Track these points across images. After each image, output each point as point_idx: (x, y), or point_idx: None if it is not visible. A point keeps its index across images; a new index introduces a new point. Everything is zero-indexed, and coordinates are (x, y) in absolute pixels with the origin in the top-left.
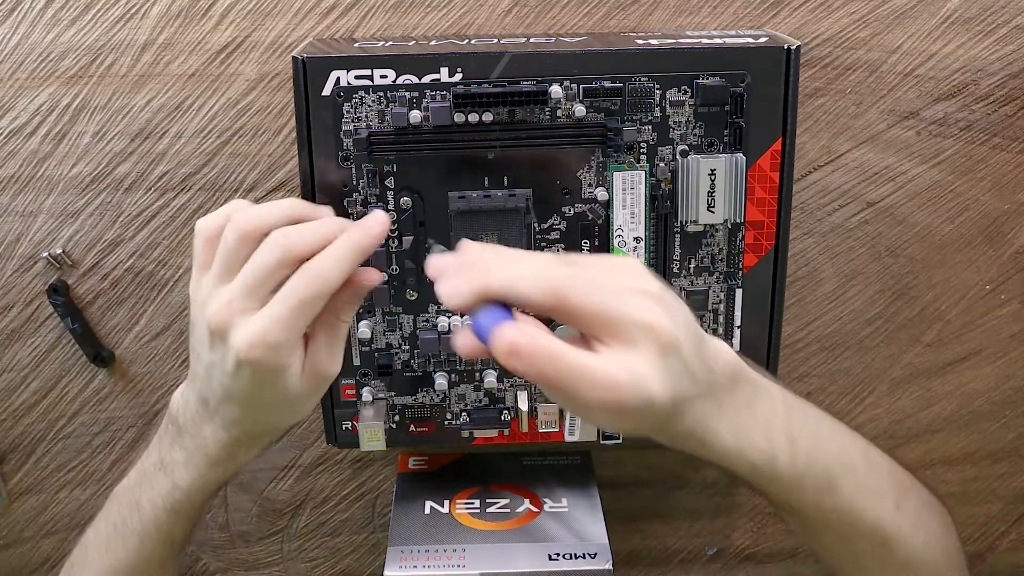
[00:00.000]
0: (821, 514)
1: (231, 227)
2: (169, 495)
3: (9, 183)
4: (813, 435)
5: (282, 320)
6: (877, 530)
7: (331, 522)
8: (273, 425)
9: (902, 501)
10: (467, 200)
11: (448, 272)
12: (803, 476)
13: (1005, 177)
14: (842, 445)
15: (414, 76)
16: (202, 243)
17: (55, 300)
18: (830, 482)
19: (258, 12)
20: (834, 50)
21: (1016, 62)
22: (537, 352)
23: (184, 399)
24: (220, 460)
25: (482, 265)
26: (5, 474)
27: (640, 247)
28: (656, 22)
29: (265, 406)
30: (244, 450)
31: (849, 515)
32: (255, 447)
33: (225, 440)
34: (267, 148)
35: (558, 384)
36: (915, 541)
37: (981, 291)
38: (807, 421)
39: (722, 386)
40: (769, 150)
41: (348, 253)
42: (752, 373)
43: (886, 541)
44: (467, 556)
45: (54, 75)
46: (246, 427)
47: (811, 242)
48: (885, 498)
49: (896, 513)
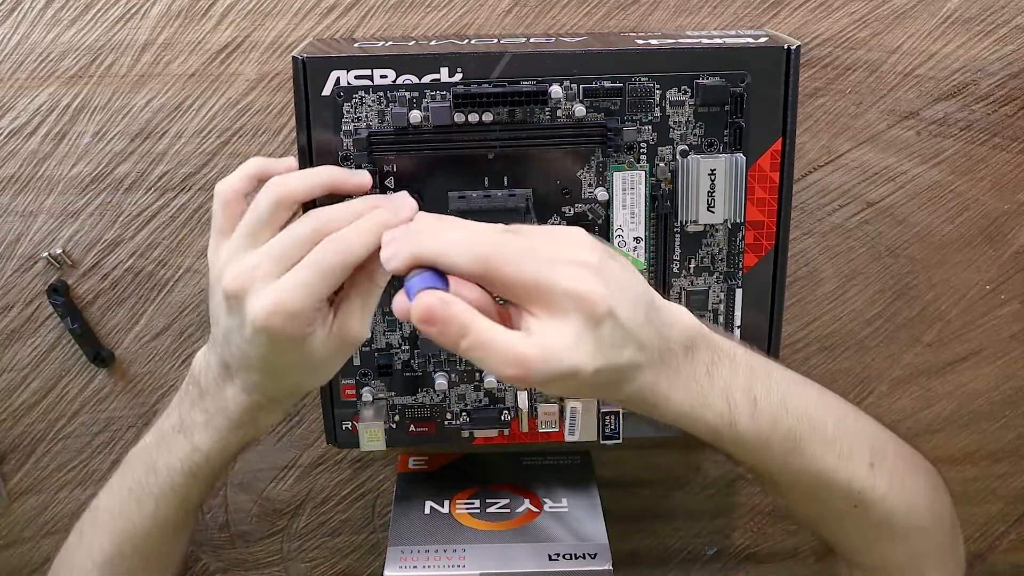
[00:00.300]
0: (790, 475)
1: (266, 193)
2: (188, 457)
3: (9, 183)
4: (779, 397)
5: (301, 288)
6: (849, 490)
7: (331, 522)
8: (295, 388)
9: (879, 461)
10: (467, 200)
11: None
12: (767, 438)
13: (1005, 177)
14: (811, 406)
15: (414, 76)
16: (222, 206)
17: (55, 300)
18: (796, 443)
19: (258, 12)
20: (834, 50)
21: (1016, 62)
22: (451, 322)
23: (206, 361)
24: (241, 423)
25: (417, 231)
26: (5, 474)
27: (640, 247)
28: (656, 22)
29: (285, 371)
30: (265, 413)
31: (818, 475)
32: (277, 410)
33: (246, 403)
34: (267, 148)
35: (469, 354)
36: (892, 501)
37: (981, 291)
38: (773, 384)
39: (676, 353)
40: (769, 150)
41: (375, 227)
42: (714, 338)
43: (860, 501)
44: (467, 556)
45: (54, 75)
46: (267, 391)
47: (811, 242)
48: (858, 458)
49: (870, 473)
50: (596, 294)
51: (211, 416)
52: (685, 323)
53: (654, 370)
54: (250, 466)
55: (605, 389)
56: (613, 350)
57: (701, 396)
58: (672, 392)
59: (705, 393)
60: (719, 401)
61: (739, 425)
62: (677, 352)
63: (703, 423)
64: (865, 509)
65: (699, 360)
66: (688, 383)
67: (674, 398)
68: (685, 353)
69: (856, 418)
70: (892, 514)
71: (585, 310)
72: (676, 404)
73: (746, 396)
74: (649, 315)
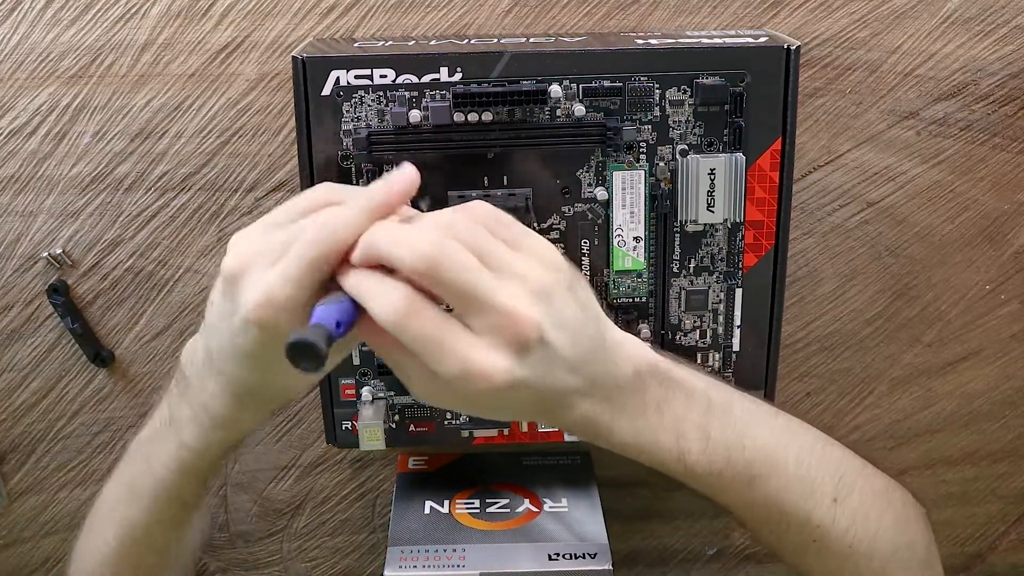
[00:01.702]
0: (746, 507)
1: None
2: (176, 454)
3: (9, 183)
4: (737, 432)
5: (290, 278)
6: (808, 524)
7: (331, 522)
8: (281, 389)
9: (843, 496)
10: (467, 199)
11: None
12: (719, 471)
13: (1005, 177)
14: (772, 440)
15: (414, 76)
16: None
17: (55, 300)
18: (753, 477)
19: (258, 12)
20: (834, 50)
21: (1016, 62)
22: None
23: (193, 349)
24: (223, 422)
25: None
26: (5, 474)
27: (640, 246)
28: (656, 22)
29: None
30: (249, 413)
31: (777, 508)
32: (259, 411)
33: (227, 400)
34: (267, 148)
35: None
36: (854, 535)
37: (981, 291)
38: (732, 418)
39: (623, 388)
40: (769, 150)
41: (364, 204)
42: (670, 372)
43: (820, 536)
44: (467, 556)
45: (54, 75)
46: (251, 387)
47: (811, 242)
48: (820, 493)
49: (832, 507)
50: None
51: (195, 412)
52: (636, 359)
53: (595, 402)
54: (250, 466)
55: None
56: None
57: (648, 431)
58: (617, 424)
59: (653, 428)
60: (667, 436)
61: (688, 459)
62: (624, 388)
63: (648, 456)
64: (825, 543)
65: (650, 396)
66: (634, 418)
67: (617, 430)
68: (633, 390)
69: (824, 451)
70: (854, 548)
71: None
72: (619, 436)
73: (699, 431)
74: (595, 352)
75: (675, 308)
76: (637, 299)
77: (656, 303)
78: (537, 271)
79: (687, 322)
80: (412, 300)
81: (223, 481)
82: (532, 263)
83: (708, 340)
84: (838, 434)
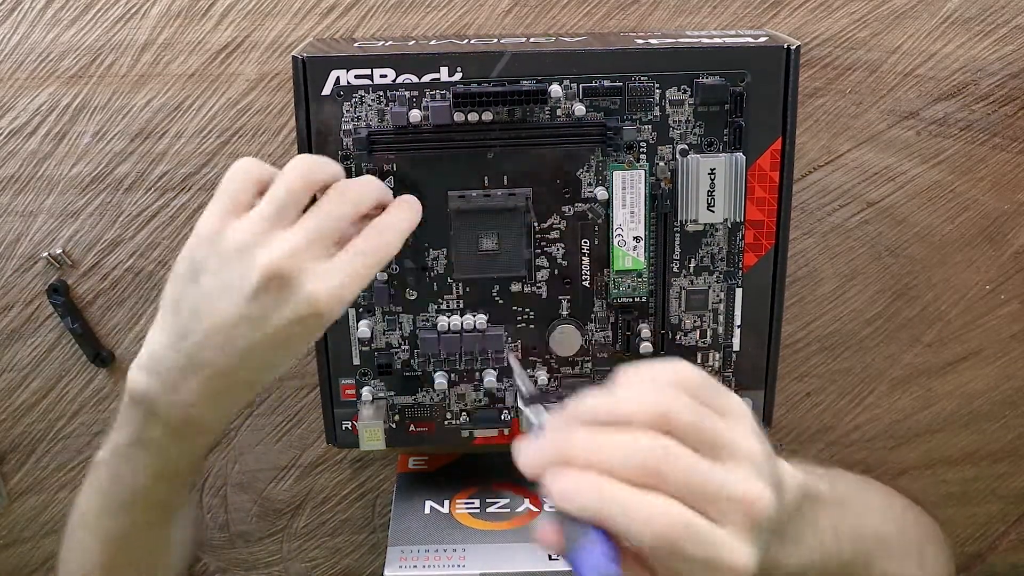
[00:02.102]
0: None
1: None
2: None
3: (9, 183)
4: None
5: (358, 276)
6: None
7: (331, 522)
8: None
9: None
10: (467, 199)
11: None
12: (847, 564)
13: (1005, 177)
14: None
15: (414, 76)
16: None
17: (55, 300)
18: (868, 561)
19: (258, 12)
20: (834, 50)
21: (1016, 62)
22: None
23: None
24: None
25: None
26: (5, 474)
27: (640, 246)
28: (656, 22)
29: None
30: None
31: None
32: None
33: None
34: (267, 148)
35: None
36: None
37: (981, 291)
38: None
39: (789, 516)
40: (769, 150)
41: (410, 214)
42: (811, 486)
43: None
44: (467, 556)
45: (54, 75)
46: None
47: (811, 242)
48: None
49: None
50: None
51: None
52: (794, 487)
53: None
54: (250, 466)
55: None
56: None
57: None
58: (784, 555)
59: (810, 548)
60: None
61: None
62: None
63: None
64: None
65: (805, 517)
66: (796, 543)
67: (783, 561)
68: (796, 514)
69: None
70: None
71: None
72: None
73: (832, 533)
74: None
75: (675, 308)
76: (637, 299)
77: (656, 303)
78: (751, 440)
79: (687, 322)
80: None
81: (223, 481)
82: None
83: (708, 340)
84: (838, 434)
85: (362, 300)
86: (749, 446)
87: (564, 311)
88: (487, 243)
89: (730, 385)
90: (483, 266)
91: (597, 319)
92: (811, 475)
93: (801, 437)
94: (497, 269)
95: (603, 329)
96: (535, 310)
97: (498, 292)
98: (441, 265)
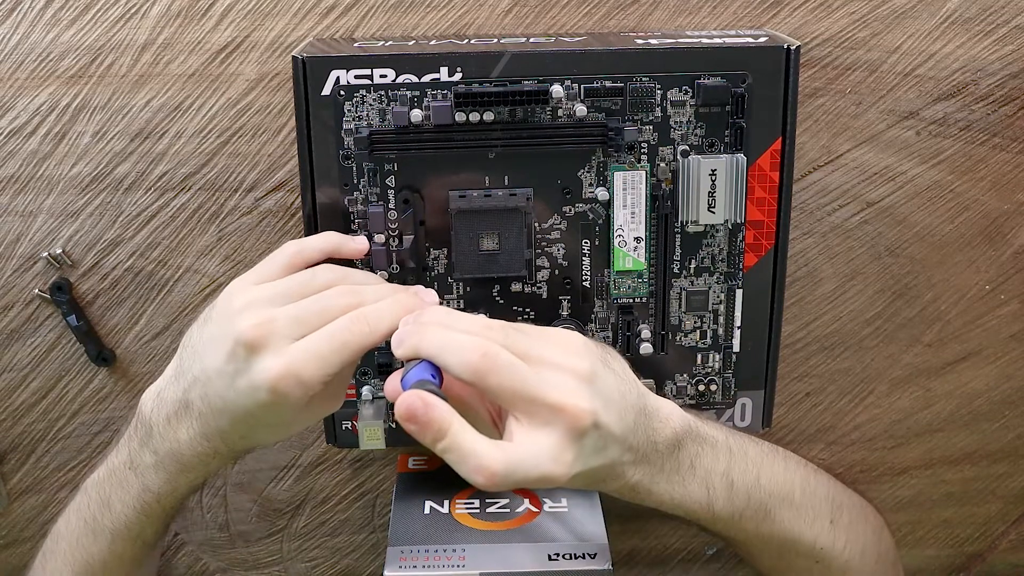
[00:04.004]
0: (760, 541)
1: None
2: (139, 496)
3: (9, 183)
4: (754, 474)
5: (322, 358)
6: (814, 548)
7: (331, 522)
8: (257, 442)
9: (837, 517)
10: (468, 199)
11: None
12: (741, 512)
13: (1005, 177)
14: (780, 478)
15: (414, 76)
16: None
17: (59, 298)
18: (767, 513)
19: (258, 12)
20: (834, 50)
21: (1016, 62)
22: (429, 425)
23: (159, 398)
24: (192, 467)
25: (423, 326)
26: (5, 474)
27: (640, 247)
28: (656, 22)
29: (259, 427)
30: (219, 460)
31: (787, 539)
32: (230, 459)
33: (202, 449)
34: (267, 148)
35: (443, 456)
36: (849, 552)
37: (981, 291)
38: (748, 463)
39: (663, 453)
40: (769, 150)
41: (400, 312)
42: (699, 429)
43: (823, 557)
44: (467, 556)
45: (54, 75)
46: (230, 441)
47: (811, 242)
48: (821, 518)
49: (831, 529)
50: (581, 408)
51: (161, 458)
52: (674, 423)
53: (642, 467)
54: (250, 466)
55: (585, 486)
56: (594, 456)
57: (682, 487)
58: (654, 486)
59: (686, 483)
60: (699, 489)
61: (716, 506)
62: (663, 451)
63: (682, 509)
64: (827, 564)
65: (684, 455)
66: (671, 477)
67: (658, 490)
68: (671, 451)
69: (816, 478)
70: (849, 564)
71: (567, 422)
72: (659, 495)
73: (724, 479)
74: (638, 420)
75: (675, 308)
76: (637, 299)
77: (656, 303)
78: (571, 358)
79: (687, 322)
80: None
81: (223, 481)
82: (562, 352)
83: (708, 341)
84: (838, 434)
85: None
86: (570, 362)
87: (564, 311)
88: (488, 243)
89: (730, 385)
90: (484, 266)
91: (597, 319)
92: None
93: (801, 437)
94: (497, 269)
95: (603, 329)
96: (535, 310)
97: (498, 292)
98: (442, 265)
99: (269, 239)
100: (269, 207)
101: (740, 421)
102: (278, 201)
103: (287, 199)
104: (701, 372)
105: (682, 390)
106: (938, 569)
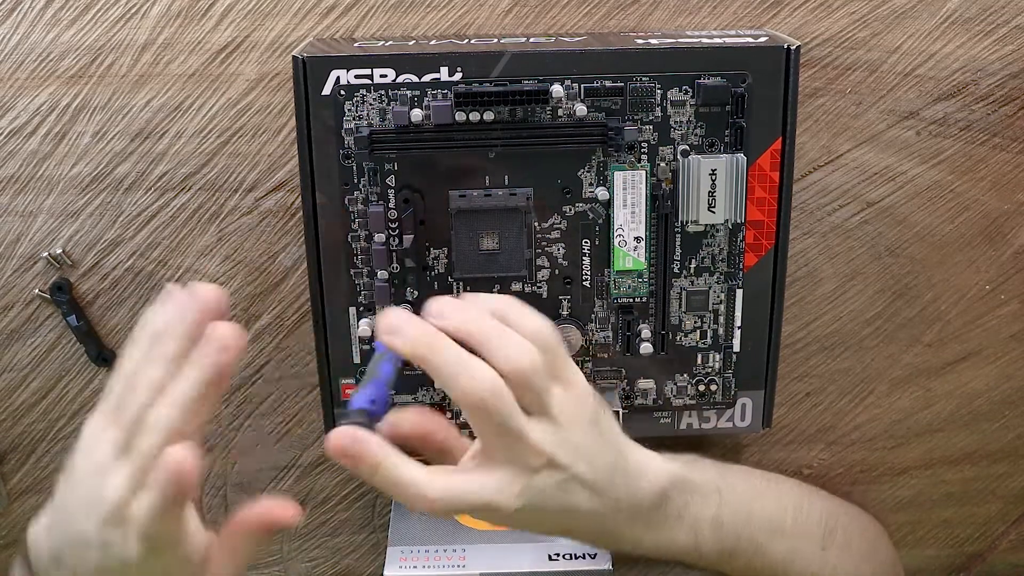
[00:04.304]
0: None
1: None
2: None
3: (9, 183)
4: (744, 513)
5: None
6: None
7: (331, 522)
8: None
9: (829, 539)
10: (468, 199)
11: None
12: (731, 552)
13: (1005, 177)
14: (772, 508)
15: (414, 76)
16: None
17: (59, 298)
18: (758, 549)
19: (258, 12)
20: (834, 50)
21: (1016, 62)
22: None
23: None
24: None
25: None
26: (5, 474)
27: (640, 247)
28: (656, 22)
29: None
30: None
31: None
32: None
33: None
34: (267, 148)
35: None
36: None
37: (981, 291)
38: (738, 502)
39: (645, 505)
40: (769, 150)
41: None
42: (688, 478)
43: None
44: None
45: (54, 75)
46: None
47: (811, 242)
48: (813, 544)
49: (823, 555)
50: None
51: None
52: (655, 475)
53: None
54: (250, 466)
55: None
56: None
57: (668, 538)
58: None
59: (674, 534)
60: (686, 537)
61: (703, 549)
62: (646, 505)
63: (668, 554)
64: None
65: (671, 507)
66: (657, 530)
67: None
68: (657, 506)
69: (810, 501)
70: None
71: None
72: (644, 547)
73: (713, 523)
74: (615, 477)
75: (676, 308)
76: (637, 299)
77: (656, 303)
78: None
79: (687, 322)
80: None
81: (223, 481)
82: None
83: (708, 341)
84: (838, 434)
85: (363, 299)
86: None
87: (564, 311)
88: (488, 243)
89: (730, 385)
90: (484, 266)
91: (597, 319)
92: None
93: (801, 437)
94: (497, 269)
95: (603, 329)
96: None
97: (499, 292)
98: (441, 264)
99: (269, 239)
100: (269, 207)
101: (740, 421)
102: (278, 201)
103: (287, 199)
104: (701, 372)
105: (682, 390)
106: (938, 569)
